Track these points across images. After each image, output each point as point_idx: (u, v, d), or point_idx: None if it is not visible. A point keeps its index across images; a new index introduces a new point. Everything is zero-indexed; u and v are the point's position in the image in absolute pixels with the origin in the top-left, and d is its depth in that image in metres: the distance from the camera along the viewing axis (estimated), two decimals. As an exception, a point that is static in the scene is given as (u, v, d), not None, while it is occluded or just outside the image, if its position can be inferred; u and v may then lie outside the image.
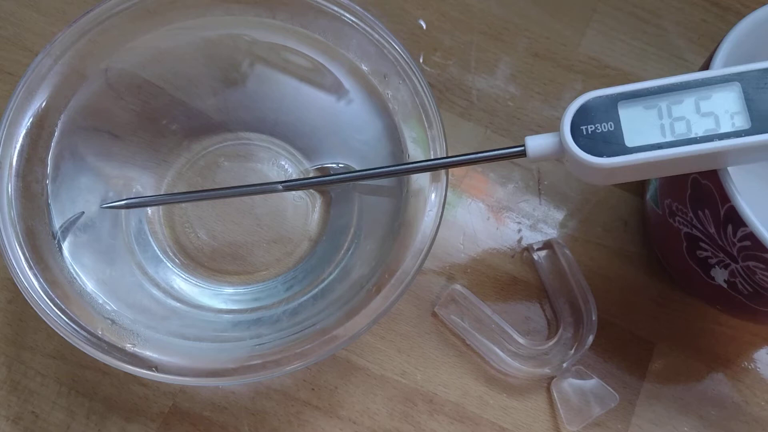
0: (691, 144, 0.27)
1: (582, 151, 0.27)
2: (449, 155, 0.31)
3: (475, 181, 0.39)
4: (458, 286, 0.36)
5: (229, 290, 0.34)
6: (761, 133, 0.26)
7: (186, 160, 0.36)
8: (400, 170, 0.31)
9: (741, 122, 0.26)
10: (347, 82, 0.34)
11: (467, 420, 0.35)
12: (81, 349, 0.27)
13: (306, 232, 0.35)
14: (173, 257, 0.34)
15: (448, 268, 0.37)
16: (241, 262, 0.34)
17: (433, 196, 0.30)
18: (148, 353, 0.28)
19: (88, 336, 0.27)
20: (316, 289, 0.32)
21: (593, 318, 0.35)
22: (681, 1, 0.44)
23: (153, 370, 0.27)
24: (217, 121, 0.36)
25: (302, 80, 0.35)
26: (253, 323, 0.31)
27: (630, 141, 0.27)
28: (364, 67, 0.33)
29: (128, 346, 0.28)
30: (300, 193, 0.35)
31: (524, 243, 0.38)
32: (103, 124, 0.34)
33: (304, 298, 0.32)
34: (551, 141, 0.28)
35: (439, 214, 0.30)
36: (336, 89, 0.34)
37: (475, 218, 0.38)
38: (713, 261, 0.31)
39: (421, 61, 0.41)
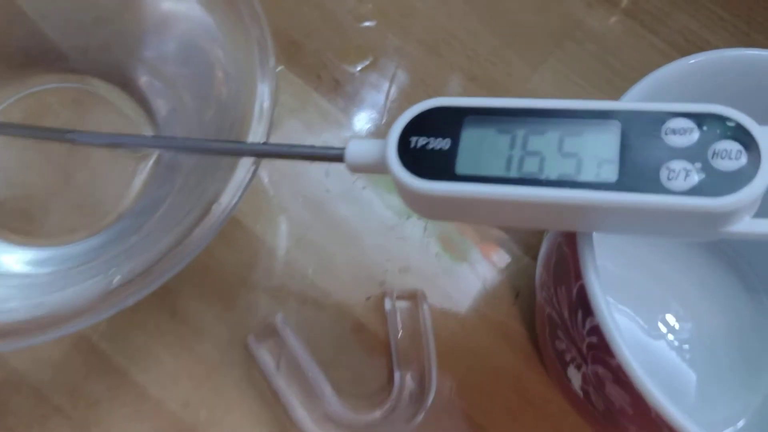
0: (534, 186, 0.20)
1: (400, 165, 0.21)
2: (265, 143, 0.24)
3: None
4: (280, 317, 0.29)
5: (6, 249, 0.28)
6: (625, 191, 0.19)
7: (12, 91, 0.30)
8: (206, 148, 0.25)
9: (607, 174, 0.19)
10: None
11: (236, 481, 0.28)
12: None
13: (119, 203, 0.29)
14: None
15: (284, 294, 0.30)
16: (29, 222, 0.29)
17: (239, 178, 0.24)
18: None
19: None
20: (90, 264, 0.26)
21: (430, 396, 0.28)
22: (657, 52, 0.37)
23: None
24: (64, 53, 0.31)
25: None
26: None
27: (462, 167, 0.20)
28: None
29: None
30: (128, 157, 0.30)
31: (386, 286, 0.31)
32: None
33: (76, 271, 0.26)
34: (376, 149, 0.22)
35: (234, 201, 0.24)
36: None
37: (337, 243, 0.32)
38: (568, 357, 0.24)
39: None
